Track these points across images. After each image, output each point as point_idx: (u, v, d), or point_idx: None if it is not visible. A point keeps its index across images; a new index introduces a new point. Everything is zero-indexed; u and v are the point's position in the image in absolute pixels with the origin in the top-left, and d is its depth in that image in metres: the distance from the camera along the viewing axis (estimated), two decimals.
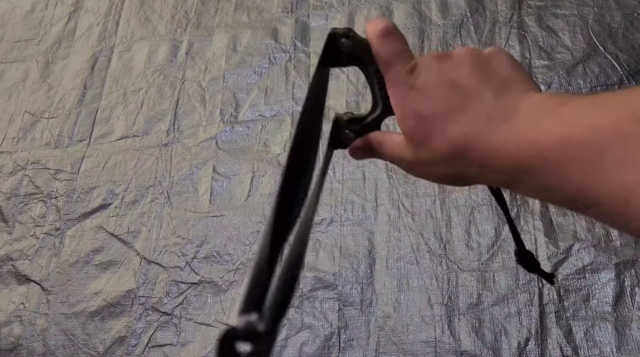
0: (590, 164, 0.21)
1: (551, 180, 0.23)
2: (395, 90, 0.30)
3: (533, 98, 0.25)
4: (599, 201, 0.21)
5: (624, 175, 0.20)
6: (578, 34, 1.06)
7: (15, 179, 1.32)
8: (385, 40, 0.32)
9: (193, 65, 1.33)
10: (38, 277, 1.18)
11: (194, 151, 1.22)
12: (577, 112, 0.22)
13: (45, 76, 1.45)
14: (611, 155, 0.20)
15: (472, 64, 0.28)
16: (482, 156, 0.26)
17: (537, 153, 0.23)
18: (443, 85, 0.28)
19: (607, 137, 0.21)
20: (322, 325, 0.98)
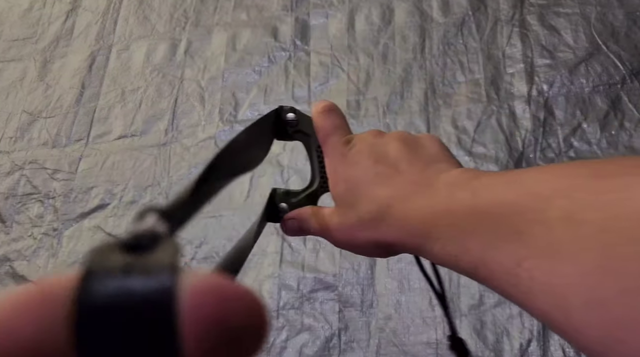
0: (489, 236, 0.22)
1: (457, 248, 0.24)
2: (330, 159, 0.33)
3: (452, 172, 0.27)
4: (494, 273, 0.22)
5: (515, 249, 0.20)
6: (580, 33, 1.05)
7: (13, 179, 1.31)
8: (326, 115, 0.35)
9: (192, 64, 1.32)
10: (36, 278, 1.17)
11: (193, 151, 1.21)
12: (486, 187, 0.24)
13: (43, 75, 1.44)
14: (507, 229, 0.21)
15: (404, 141, 0.31)
16: (401, 219, 0.27)
17: (449, 222, 0.24)
18: (374, 156, 0.30)
19: (505, 210, 0.21)
20: (322, 326, 0.97)
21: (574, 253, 0.18)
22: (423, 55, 1.14)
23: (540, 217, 0.20)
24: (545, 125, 1.00)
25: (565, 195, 0.20)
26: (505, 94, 1.05)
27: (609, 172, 0.19)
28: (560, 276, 0.18)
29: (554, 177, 0.21)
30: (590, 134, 0.97)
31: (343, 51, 1.21)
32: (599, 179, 0.19)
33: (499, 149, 1.01)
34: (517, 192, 0.22)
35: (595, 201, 0.18)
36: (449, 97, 1.09)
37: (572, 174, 0.20)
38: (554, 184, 0.21)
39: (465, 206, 0.24)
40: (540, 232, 0.20)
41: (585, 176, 0.20)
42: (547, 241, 0.19)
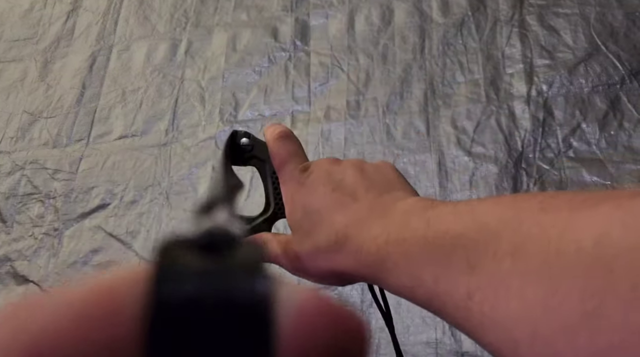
0: (442, 267, 0.22)
1: (410, 279, 0.23)
2: (287, 186, 0.33)
3: (408, 200, 0.27)
4: (447, 306, 0.22)
5: (466, 281, 0.20)
6: (580, 33, 1.05)
7: (14, 179, 1.31)
8: (282, 142, 0.34)
9: (192, 65, 1.32)
10: (36, 278, 1.17)
11: (193, 151, 1.21)
12: (439, 217, 0.24)
13: (44, 75, 1.44)
14: (458, 261, 0.21)
15: (360, 169, 0.31)
16: (357, 248, 0.27)
17: (402, 251, 0.24)
18: (331, 184, 0.30)
19: (457, 242, 0.21)
20: None
21: (520, 288, 0.18)
22: (423, 56, 1.15)
23: (490, 250, 0.20)
24: (545, 125, 1.00)
25: (513, 228, 0.20)
26: (504, 94, 1.05)
27: (555, 206, 0.19)
28: (507, 310, 0.19)
29: (503, 209, 0.21)
30: (590, 134, 0.97)
31: (343, 51, 1.21)
32: (545, 213, 0.19)
33: (498, 149, 1.01)
34: (468, 224, 0.22)
35: (539, 235, 0.19)
36: (448, 97, 1.09)
37: (520, 207, 0.21)
38: (502, 216, 0.21)
39: (419, 236, 0.23)
40: (489, 265, 0.20)
41: (532, 210, 0.20)
42: (495, 275, 0.19)
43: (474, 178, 1.00)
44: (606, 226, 0.17)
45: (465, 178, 1.01)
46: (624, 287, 0.16)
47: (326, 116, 1.15)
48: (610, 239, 0.17)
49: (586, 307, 0.16)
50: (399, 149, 1.07)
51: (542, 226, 0.19)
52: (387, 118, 1.11)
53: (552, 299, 0.17)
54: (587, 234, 0.17)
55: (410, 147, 1.07)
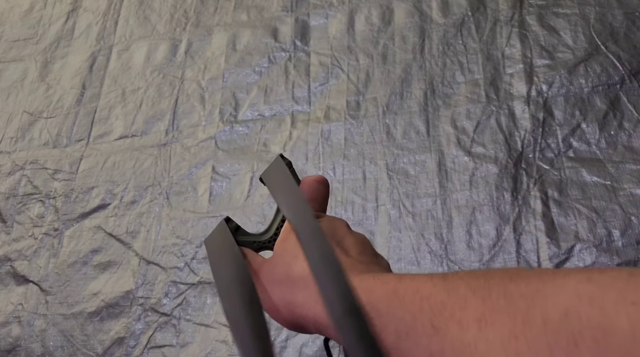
0: (406, 325, 0.22)
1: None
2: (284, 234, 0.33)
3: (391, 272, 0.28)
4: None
5: (430, 343, 0.20)
6: (579, 33, 1.05)
7: (14, 179, 1.31)
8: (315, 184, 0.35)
9: (192, 65, 1.32)
10: (37, 278, 1.17)
11: (193, 151, 1.21)
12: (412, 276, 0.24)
13: (44, 76, 1.44)
14: (423, 321, 0.21)
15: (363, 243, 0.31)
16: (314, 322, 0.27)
17: (368, 300, 0.24)
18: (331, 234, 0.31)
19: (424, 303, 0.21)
20: None
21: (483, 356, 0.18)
22: (423, 56, 1.15)
23: (456, 315, 0.20)
24: (545, 125, 1.00)
25: (481, 295, 0.20)
26: (504, 94, 1.05)
27: (525, 276, 0.20)
28: None
29: (472, 277, 0.21)
30: (590, 134, 0.97)
31: (343, 52, 1.21)
32: (513, 282, 0.20)
33: (498, 149, 1.01)
34: (437, 285, 0.22)
35: (506, 305, 0.19)
36: (448, 97, 1.09)
37: (489, 276, 0.21)
38: (472, 283, 0.21)
39: (389, 289, 0.23)
40: (454, 330, 0.20)
41: (501, 278, 0.20)
42: (460, 340, 0.19)
43: (474, 178, 1.00)
44: (574, 300, 0.17)
45: (465, 178, 1.01)
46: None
47: (326, 116, 1.15)
48: (577, 314, 0.17)
49: None
50: (398, 149, 1.07)
51: (510, 296, 0.19)
52: (387, 118, 1.11)
53: None
54: (554, 307, 0.17)
55: (410, 147, 1.07)
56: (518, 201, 0.96)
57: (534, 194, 0.96)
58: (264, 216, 1.09)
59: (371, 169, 1.07)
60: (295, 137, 1.15)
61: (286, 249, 0.30)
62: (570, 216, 0.92)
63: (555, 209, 0.93)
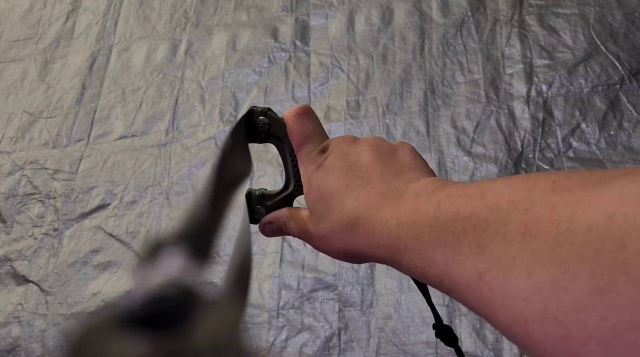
0: (452, 248, 0.22)
1: (422, 261, 0.24)
2: (304, 167, 0.33)
3: (420, 182, 0.27)
4: (457, 286, 0.22)
5: (476, 262, 0.21)
6: (579, 34, 1.06)
7: (14, 179, 1.31)
8: (300, 120, 0.34)
9: (192, 65, 1.32)
10: (36, 278, 1.17)
11: (193, 151, 1.21)
12: (449, 198, 0.24)
13: (44, 76, 1.44)
14: (468, 242, 0.21)
15: (376, 149, 0.31)
16: (369, 231, 0.27)
17: (414, 234, 0.24)
18: (346, 166, 0.30)
19: (466, 224, 0.22)
20: (322, 326, 0.97)
21: (529, 267, 0.19)
22: (422, 56, 1.15)
23: (500, 231, 0.20)
24: (544, 125, 1.01)
25: (524, 208, 0.20)
26: (504, 95, 1.06)
27: (567, 186, 0.19)
28: (517, 290, 0.19)
29: (513, 190, 0.21)
30: (589, 134, 0.97)
31: (343, 52, 1.21)
32: (556, 192, 0.19)
33: (498, 150, 1.01)
34: (477, 205, 0.22)
35: (549, 214, 0.19)
36: (448, 97, 1.09)
37: (531, 187, 0.21)
38: (513, 197, 0.21)
39: (429, 218, 0.24)
40: (499, 245, 0.20)
41: (543, 190, 0.20)
42: (505, 255, 0.20)
43: (473, 178, 1.00)
44: (619, 203, 0.17)
45: (465, 178, 1.01)
46: (635, 264, 0.16)
47: (326, 116, 1.15)
48: (622, 215, 0.17)
49: (597, 285, 0.16)
50: None
51: (553, 206, 0.19)
52: (387, 118, 1.11)
53: (563, 278, 0.17)
54: (599, 212, 0.17)
55: None
56: None
57: None
58: None
59: None
60: None
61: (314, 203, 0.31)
62: None
63: None
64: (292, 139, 0.35)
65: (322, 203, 0.30)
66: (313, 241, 0.32)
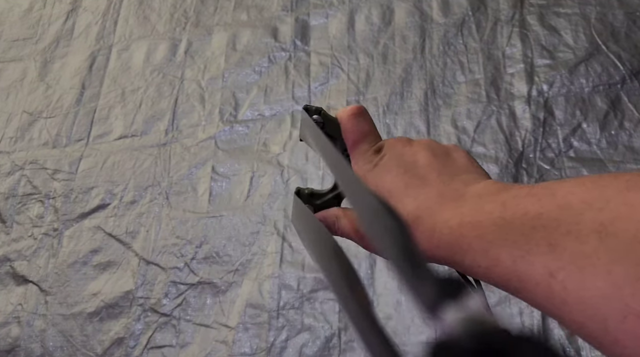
0: (520, 247, 0.22)
1: (487, 260, 0.24)
2: (359, 166, 0.33)
3: (481, 183, 0.27)
4: (526, 285, 0.22)
5: (547, 261, 0.20)
6: (580, 33, 1.05)
7: (13, 179, 1.31)
8: (355, 120, 0.34)
9: (192, 65, 1.32)
10: (36, 278, 1.17)
11: (193, 151, 1.21)
12: (515, 199, 0.23)
13: (43, 75, 1.44)
14: (538, 241, 0.21)
15: (432, 151, 0.31)
16: (429, 230, 0.27)
17: (477, 233, 0.24)
18: (403, 166, 0.30)
19: (536, 223, 0.21)
20: (322, 326, 0.97)
21: (607, 265, 0.18)
22: (423, 56, 1.14)
23: (572, 230, 0.20)
24: (545, 125, 1.00)
25: (598, 207, 0.20)
26: (505, 94, 1.05)
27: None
28: (594, 288, 0.19)
29: (584, 189, 0.21)
30: (590, 134, 0.97)
31: (343, 51, 1.21)
32: (631, 191, 0.19)
33: (498, 149, 1.01)
34: (547, 204, 0.22)
35: (627, 212, 0.19)
36: (449, 97, 1.09)
37: (604, 186, 0.20)
38: (585, 196, 0.20)
39: (495, 217, 0.23)
40: (572, 244, 0.20)
41: (617, 188, 0.20)
42: (579, 253, 0.19)
43: None
44: None
45: None
46: None
47: None
48: None
49: None
50: None
51: (629, 203, 0.19)
52: (387, 118, 1.11)
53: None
54: None
55: None
56: None
57: None
58: (264, 216, 1.09)
59: None
60: (296, 137, 1.15)
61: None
62: None
63: None
64: (346, 138, 0.34)
65: None
66: (365, 241, 0.31)
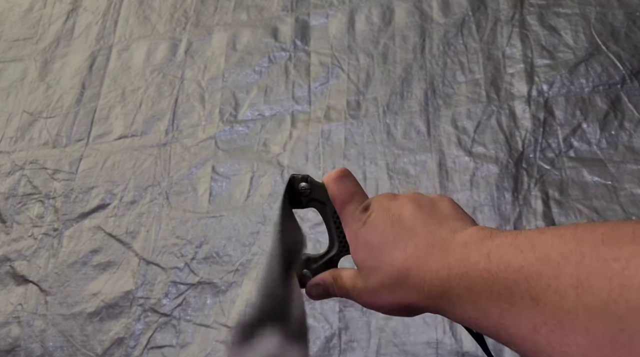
0: (505, 300, 0.22)
1: (476, 312, 0.24)
2: (349, 227, 0.34)
3: (466, 231, 0.27)
4: (514, 338, 0.22)
5: (531, 315, 0.21)
6: (580, 33, 1.05)
7: (13, 179, 1.31)
8: (340, 182, 0.36)
9: (192, 64, 1.32)
10: (36, 278, 1.17)
11: (193, 151, 1.21)
12: (499, 249, 0.24)
13: (44, 75, 1.44)
14: (521, 295, 0.21)
15: (417, 202, 0.32)
16: (419, 281, 0.27)
17: (466, 285, 0.24)
18: (390, 220, 0.31)
19: (518, 277, 0.22)
20: (322, 326, 0.97)
21: (586, 323, 0.18)
22: (423, 56, 1.14)
23: (552, 284, 0.20)
24: (545, 125, 1.00)
25: (574, 261, 0.20)
26: (505, 94, 1.05)
27: (617, 238, 0.19)
28: (575, 345, 0.19)
29: (562, 241, 0.21)
30: (590, 134, 0.97)
31: (343, 51, 1.21)
32: (605, 245, 0.19)
33: (499, 149, 1.01)
34: (528, 257, 0.22)
35: (601, 268, 0.19)
36: (449, 97, 1.09)
37: (580, 239, 0.21)
38: (563, 249, 0.21)
39: (480, 269, 0.24)
40: (553, 298, 0.20)
41: (593, 242, 0.20)
42: (560, 309, 0.20)
43: (474, 178, 1.00)
44: None
45: (465, 178, 1.01)
46: None
47: (326, 116, 1.15)
48: None
49: None
50: (399, 149, 1.07)
51: (604, 260, 0.19)
52: (387, 118, 1.11)
53: (621, 336, 0.17)
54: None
55: (411, 147, 1.07)
56: (519, 201, 0.96)
57: (534, 194, 0.95)
58: (264, 216, 1.09)
59: (372, 169, 1.07)
60: (296, 137, 1.15)
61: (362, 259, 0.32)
62: (571, 216, 0.92)
63: (556, 209, 0.93)
64: (334, 201, 0.36)
65: (370, 258, 0.31)
66: (362, 298, 0.32)
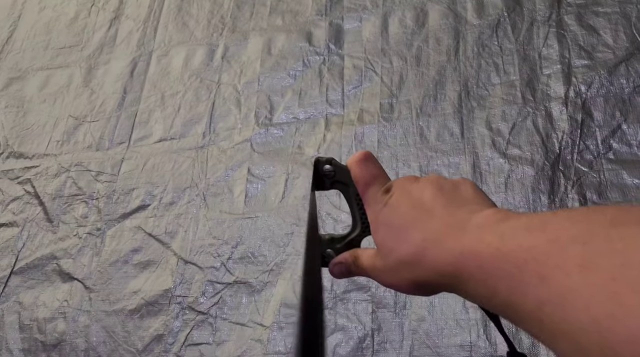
0: (514, 279, 0.23)
1: (486, 290, 0.25)
2: (371, 208, 0.35)
3: (482, 213, 0.28)
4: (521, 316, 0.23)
5: (538, 293, 0.21)
6: (620, 32, 1.03)
7: (60, 181, 1.37)
8: (363, 165, 0.37)
9: (229, 69, 1.35)
10: (81, 276, 1.22)
11: (229, 153, 1.24)
12: (512, 230, 0.25)
13: (88, 81, 1.50)
14: (530, 273, 0.22)
15: (439, 185, 0.33)
16: (435, 260, 0.28)
17: (477, 264, 0.25)
18: (411, 202, 0.32)
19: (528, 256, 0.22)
20: (355, 327, 0.98)
21: (587, 300, 0.19)
22: (457, 58, 1.14)
23: (559, 263, 0.21)
24: (583, 126, 0.98)
25: (582, 241, 0.21)
26: (541, 96, 1.04)
27: (625, 220, 0.20)
28: (576, 322, 0.19)
29: (573, 223, 0.22)
30: (631, 135, 0.95)
31: (376, 54, 1.22)
32: (614, 227, 0.20)
33: (534, 151, 1.00)
34: (538, 237, 0.23)
35: (607, 248, 0.19)
36: (483, 99, 1.08)
37: (590, 221, 0.21)
38: (573, 231, 0.22)
39: (493, 249, 0.25)
40: (559, 277, 0.21)
41: (602, 224, 0.21)
42: (564, 287, 0.20)
43: (509, 180, 0.99)
44: None
45: (500, 180, 1.00)
46: None
47: (359, 119, 1.16)
48: None
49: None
50: (432, 152, 1.07)
51: (610, 239, 0.20)
52: (420, 120, 1.11)
53: (619, 311, 0.18)
54: None
55: (444, 150, 1.06)
56: (555, 204, 0.94)
57: (571, 197, 0.94)
58: (298, 218, 1.10)
59: (404, 171, 1.07)
60: (329, 140, 1.16)
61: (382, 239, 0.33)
62: None
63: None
64: (357, 183, 0.37)
65: (390, 238, 0.32)
66: (381, 276, 0.34)
